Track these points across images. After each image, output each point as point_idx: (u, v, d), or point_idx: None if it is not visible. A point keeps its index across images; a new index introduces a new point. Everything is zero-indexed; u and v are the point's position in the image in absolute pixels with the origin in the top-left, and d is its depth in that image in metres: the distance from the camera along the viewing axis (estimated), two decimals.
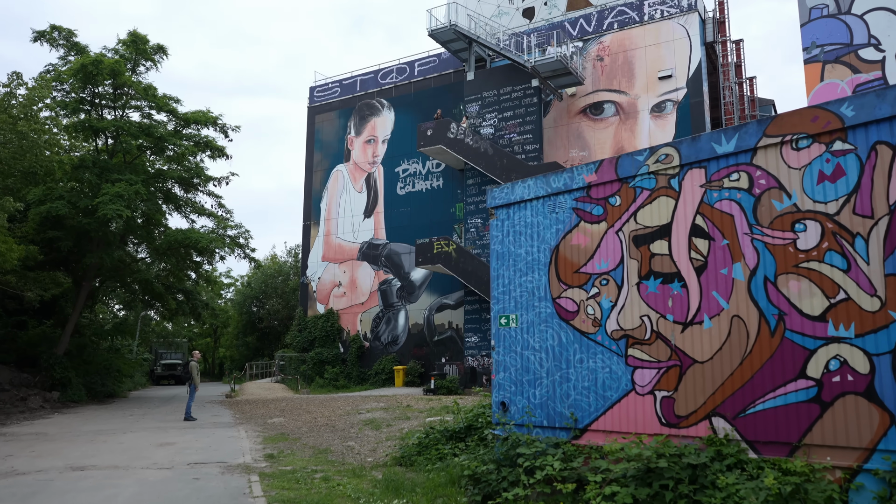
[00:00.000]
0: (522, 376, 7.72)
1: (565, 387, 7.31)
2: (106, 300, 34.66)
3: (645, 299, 6.85)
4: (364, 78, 37.51)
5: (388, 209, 34.93)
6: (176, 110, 24.66)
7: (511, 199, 8.10)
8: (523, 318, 7.76)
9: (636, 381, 6.81)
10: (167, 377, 44.16)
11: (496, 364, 8.11)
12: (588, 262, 7.31)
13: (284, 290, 50.63)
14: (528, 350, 7.67)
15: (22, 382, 23.51)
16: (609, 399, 6.96)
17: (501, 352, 8.02)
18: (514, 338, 7.86)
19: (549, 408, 7.44)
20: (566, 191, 7.56)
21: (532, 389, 7.61)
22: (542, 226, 7.72)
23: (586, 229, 7.36)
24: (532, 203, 7.83)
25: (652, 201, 6.93)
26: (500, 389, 7.99)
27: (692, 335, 6.47)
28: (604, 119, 29.72)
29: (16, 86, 17.82)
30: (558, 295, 7.51)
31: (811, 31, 16.20)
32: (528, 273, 7.82)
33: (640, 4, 30.06)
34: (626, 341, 6.92)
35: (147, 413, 20.86)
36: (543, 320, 7.58)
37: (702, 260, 6.52)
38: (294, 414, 18.56)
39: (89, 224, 21.74)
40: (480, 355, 27.84)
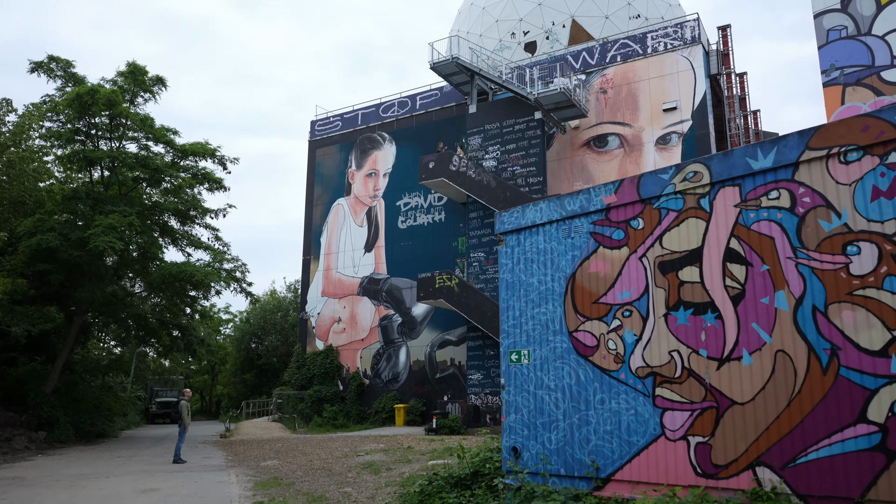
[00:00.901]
0: (536, 418, 6.97)
1: (585, 431, 6.56)
2: (99, 336, 33.84)
3: (674, 332, 6.15)
4: (365, 112, 37.30)
5: (390, 243, 34.35)
6: (173, 141, 24.24)
7: (522, 224, 7.45)
8: (536, 354, 7.04)
9: (666, 424, 6.07)
10: (162, 416, 43.03)
11: (507, 405, 7.36)
12: (608, 291, 6.63)
13: (283, 326, 49.77)
14: (543, 389, 6.94)
15: (7, 422, 22.58)
16: (635, 445, 6.21)
17: (512, 391, 7.28)
18: (527, 376, 7.13)
19: (566, 454, 6.67)
20: (582, 214, 6.92)
21: (547, 433, 6.85)
22: (557, 252, 7.06)
23: (606, 255, 6.70)
24: (545, 228, 7.18)
25: (679, 223, 6.28)
26: (511, 433, 7.23)
27: (730, 373, 5.75)
28: (608, 151, 29.32)
29: (5, 112, 17.38)
30: (575, 328, 6.82)
31: (830, 53, 15.82)
32: (542, 304, 7.13)
33: (644, 37, 29.92)
34: (654, 380, 6.20)
35: (135, 455, 19.92)
36: (559, 356, 6.87)
37: (739, 288, 5.84)
38: (289, 456, 17.65)
39: (81, 257, 21.10)
40: (484, 393, 26.94)
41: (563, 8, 36.92)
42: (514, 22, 37.87)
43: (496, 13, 38.51)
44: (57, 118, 22.18)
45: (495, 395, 26.66)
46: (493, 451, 10.06)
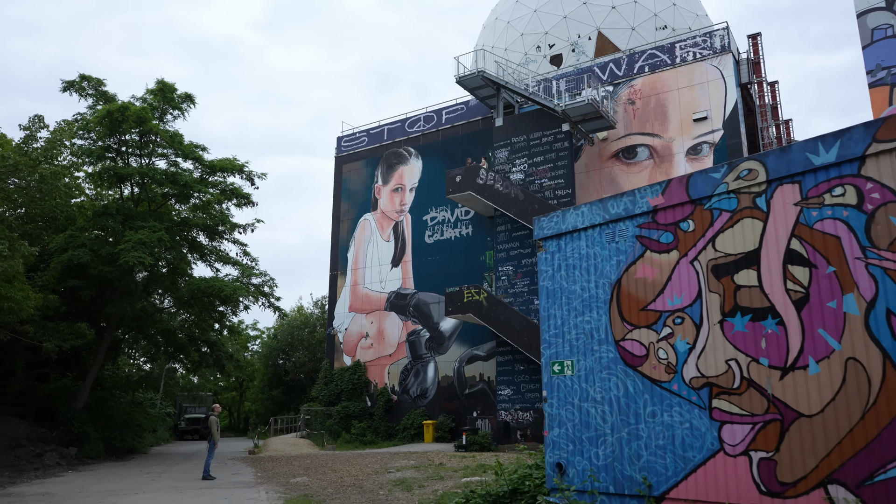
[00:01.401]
0: (582, 433, 6.62)
1: (635, 446, 6.20)
2: (129, 352, 34.04)
3: (731, 340, 5.79)
4: (391, 127, 37.33)
5: (417, 258, 34.15)
6: (202, 157, 24.37)
7: (562, 229, 7.15)
8: (581, 365, 6.71)
9: (725, 438, 5.68)
10: (191, 432, 43.07)
11: (549, 418, 7.01)
12: (657, 297, 6.29)
13: (311, 342, 49.74)
14: (588, 402, 6.59)
15: (39, 437, 22.68)
16: (691, 461, 5.83)
17: (555, 404, 6.94)
18: (571, 387, 6.79)
19: (615, 471, 6.31)
20: (627, 217, 6.60)
21: (594, 448, 6.50)
22: (600, 258, 6.74)
23: (653, 260, 6.37)
24: (587, 232, 6.87)
25: (734, 224, 5.94)
26: (554, 448, 6.87)
27: (795, 383, 5.37)
28: (637, 163, 28.91)
29: (37, 129, 17.59)
30: (622, 337, 6.48)
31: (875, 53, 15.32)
32: (585, 312, 6.80)
33: (672, 47, 29.55)
34: (710, 391, 5.83)
35: (165, 471, 19.80)
36: (605, 367, 6.52)
37: (802, 291, 5.47)
38: (319, 472, 17.37)
39: (111, 272, 21.20)
40: (514, 409, 26.46)
41: (589, 20, 36.72)
42: (540, 35, 37.74)
43: (521, 27, 38.42)
44: (88, 136, 22.44)
45: (525, 412, 26.18)
46: (531, 467, 9.69)
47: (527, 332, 25.46)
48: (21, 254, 15.82)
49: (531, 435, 25.77)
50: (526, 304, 27.17)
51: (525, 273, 27.65)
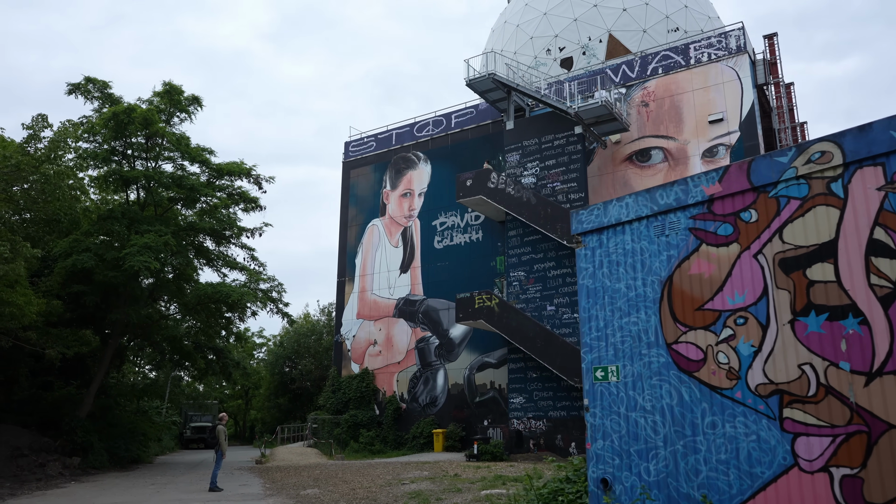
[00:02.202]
0: (630, 445, 6.02)
1: (692, 460, 5.60)
2: (134, 360, 33.51)
3: (804, 342, 5.20)
4: (400, 131, 36.84)
5: (426, 264, 33.58)
6: (209, 161, 23.91)
7: (603, 223, 6.57)
8: (627, 371, 6.12)
9: (799, 452, 5.08)
10: (196, 440, 42.49)
11: (592, 429, 6.42)
12: (716, 295, 5.70)
13: (317, 349, 49.17)
14: (637, 411, 6.00)
15: (42, 447, 22.13)
16: (759, 477, 5.23)
17: (599, 413, 6.34)
18: (616, 395, 6.20)
19: (670, 487, 5.71)
20: (679, 207, 6.03)
21: (644, 463, 5.90)
22: (648, 253, 6.17)
23: (710, 254, 5.79)
24: (632, 225, 6.30)
25: (804, 213, 5.35)
26: (598, 462, 6.27)
27: (883, 390, 4.77)
28: (651, 166, 28.34)
29: (40, 128, 17.10)
30: (675, 339, 5.89)
31: None
32: (632, 313, 6.22)
33: (686, 48, 29.03)
34: (780, 399, 5.24)
35: (170, 482, 19.20)
36: (655, 372, 5.94)
37: (889, 287, 4.88)
38: (330, 484, 16.75)
39: (116, 277, 20.70)
40: (527, 418, 25.82)
41: (600, 23, 36.26)
42: (550, 38, 37.29)
43: (531, 30, 37.98)
44: (93, 139, 22.00)
45: (539, 420, 25.54)
46: (562, 481, 9.08)
47: (540, 338, 24.86)
48: (24, 256, 15.33)
49: (544, 444, 25.14)
50: (538, 309, 26.58)
51: (537, 279, 27.07)
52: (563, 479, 9.11)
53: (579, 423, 24.53)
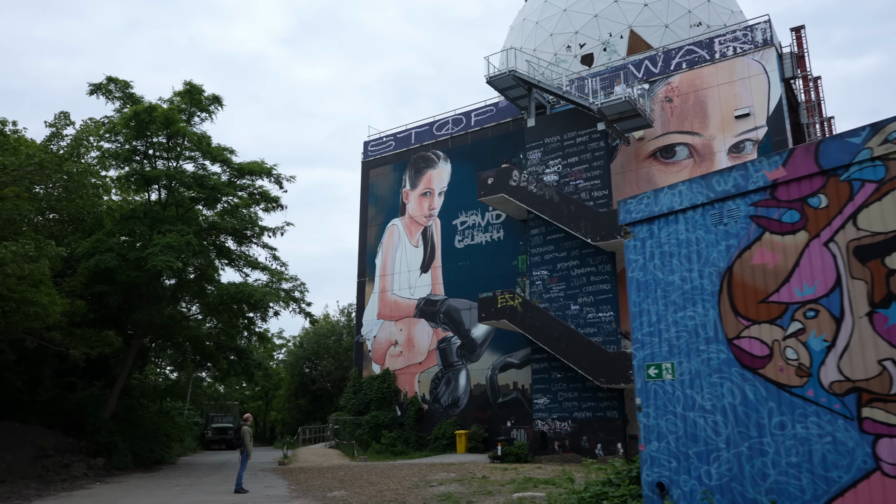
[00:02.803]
0: (688, 447, 5.68)
1: (759, 463, 5.25)
2: (156, 361, 33.55)
3: (884, 335, 4.83)
4: (419, 130, 36.58)
5: (446, 263, 33.29)
6: (230, 160, 23.80)
7: (654, 212, 6.24)
8: (684, 368, 5.78)
9: (881, 455, 4.72)
10: (218, 441, 42.50)
11: (646, 430, 6.08)
12: (781, 287, 5.35)
13: (337, 350, 49.04)
14: (695, 411, 5.66)
15: (66, 448, 22.11)
16: (836, 482, 4.87)
17: (653, 414, 6.00)
18: (672, 394, 5.86)
19: (733, 492, 5.36)
20: (738, 194, 5.68)
21: (705, 466, 5.56)
22: (705, 242, 5.82)
23: (774, 243, 5.45)
24: (686, 214, 5.96)
25: (882, 197, 4.99)
26: (653, 465, 5.93)
27: None
28: (676, 162, 27.82)
29: (63, 125, 17.05)
30: (736, 334, 5.55)
31: None
32: (687, 306, 5.88)
33: (710, 42, 28.50)
34: (858, 397, 4.88)
35: (195, 483, 19.05)
36: (715, 369, 5.59)
37: None
38: (356, 485, 16.50)
39: (139, 277, 20.62)
40: (551, 419, 25.43)
41: (621, 18, 35.80)
42: (570, 35, 36.88)
43: (550, 27, 37.59)
44: (115, 139, 21.96)
45: (563, 421, 25.15)
46: (603, 484, 8.72)
47: (564, 338, 24.48)
48: (48, 254, 15.25)
49: (569, 446, 24.75)
50: (562, 309, 26.20)
51: (561, 277, 26.68)
52: (604, 482, 8.76)
53: (605, 425, 24.14)
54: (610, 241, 24.52)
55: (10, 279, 15.57)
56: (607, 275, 25.71)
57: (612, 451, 23.90)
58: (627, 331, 26.49)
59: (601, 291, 25.77)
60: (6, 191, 15.91)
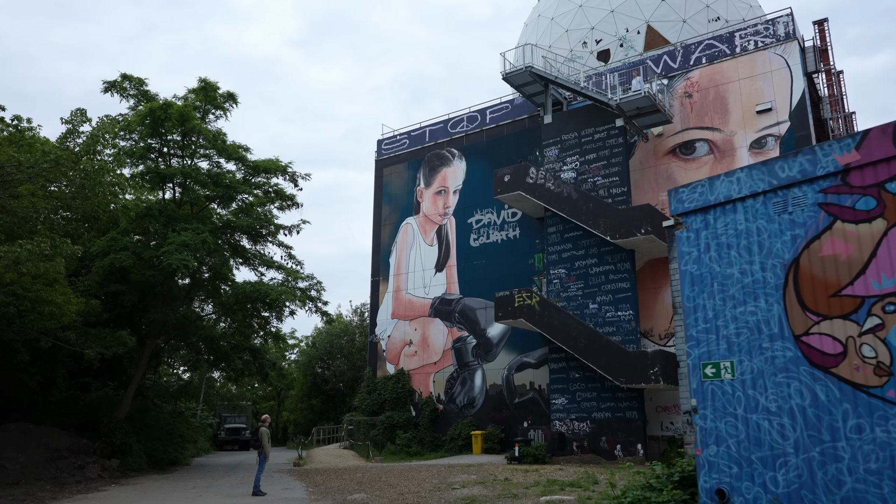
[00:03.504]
0: (751, 452, 5.29)
1: (833, 469, 4.86)
2: (170, 361, 33.38)
3: None
4: (433, 128, 36.24)
5: (462, 262, 32.93)
6: (246, 158, 23.53)
7: (709, 201, 5.85)
8: (745, 367, 5.39)
9: None
10: (231, 442, 42.33)
11: (703, 433, 5.69)
12: (856, 279, 4.96)
13: (350, 350, 48.78)
14: (758, 413, 5.27)
15: (81, 449, 21.90)
16: None
17: (710, 416, 5.61)
18: (731, 395, 5.48)
19: (804, 500, 4.97)
20: (805, 180, 5.29)
21: (770, 472, 5.17)
22: (767, 233, 5.43)
23: (847, 232, 5.06)
24: (746, 203, 5.57)
25: None
26: (711, 471, 5.54)
27: None
28: (696, 158, 27.34)
29: (79, 122, 16.82)
30: (805, 330, 5.16)
31: None
32: (748, 301, 5.49)
33: (731, 36, 27.99)
34: None
35: (211, 485, 18.78)
36: (781, 368, 5.21)
37: None
38: (375, 487, 16.16)
39: (153, 276, 20.38)
40: (569, 419, 25.02)
41: (638, 14, 35.36)
42: (586, 31, 36.48)
43: (566, 23, 37.19)
44: (130, 136, 21.74)
45: (582, 422, 24.72)
46: (644, 488, 8.33)
47: (583, 337, 24.05)
48: (64, 253, 15.01)
49: (588, 447, 24.33)
50: (580, 308, 25.79)
51: (579, 276, 26.26)
52: (643, 487, 8.37)
53: (624, 425, 23.72)
54: (630, 238, 24.08)
55: (26, 278, 15.36)
56: (626, 273, 25.28)
57: (632, 452, 23.48)
58: (647, 330, 26.06)
59: (620, 290, 25.34)
60: (21, 189, 15.71)
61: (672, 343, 25.63)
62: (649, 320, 26.18)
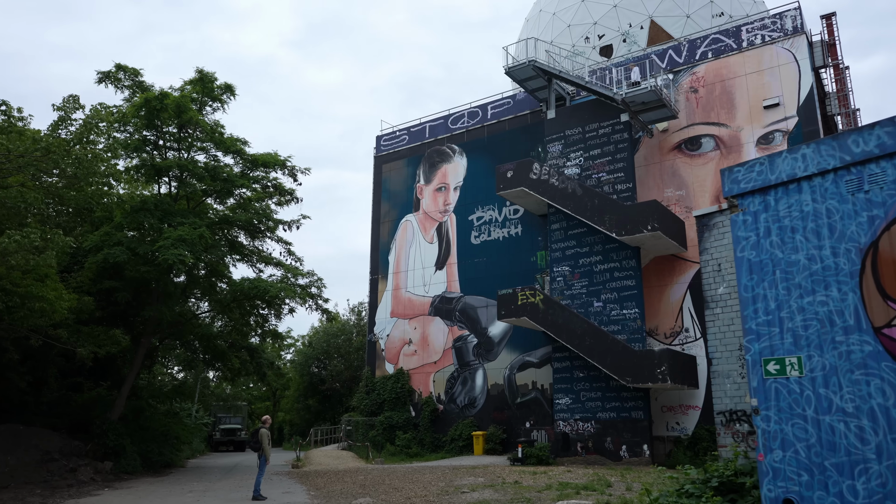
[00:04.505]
0: (824, 457, 4.75)
1: None
2: (164, 361, 32.67)
3: None
4: (433, 124, 35.68)
5: (462, 260, 32.37)
6: (244, 151, 22.89)
7: (770, 181, 5.31)
8: (815, 363, 4.86)
9: None
10: (226, 443, 41.63)
11: (766, 436, 5.14)
12: None
13: (347, 349, 48.16)
14: (832, 414, 4.74)
15: (73, 451, 21.22)
16: None
17: (774, 417, 5.06)
18: (799, 394, 4.94)
19: None
20: (883, 155, 4.75)
21: (847, 480, 4.63)
22: (839, 214, 4.90)
23: None
24: (813, 182, 5.03)
25: None
26: (777, 478, 5.00)
27: None
28: (702, 154, 26.87)
29: (71, 109, 16.14)
30: (886, 322, 4.63)
31: None
32: (817, 290, 4.95)
33: (738, 31, 27.55)
34: None
35: (209, 489, 18.14)
36: (858, 364, 4.68)
37: None
38: (379, 490, 15.58)
39: (149, 272, 19.72)
40: (573, 419, 24.51)
41: (641, 9, 34.94)
42: (588, 26, 36.03)
43: (568, 18, 36.72)
44: (124, 128, 21.06)
45: (586, 422, 24.21)
46: (678, 494, 7.79)
47: (588, 335, 23.52)
48: (55, 245, 14.34)
49: (593, 447, 23.82)
50: (584, 306, 25.28)
51: (583, 273, 25.75)
52: (678, 493, 7.82)
53: (630, 426, 23.22)
54: (636, 235, 23.58)
55: (15, 273, 14.71)
56: (632, 270, 24.79)
57: (638, 453, 23.00)
58: (652, 329, 25.56)
59: (625, 288, 24.85)
60: (10, 179, 15.04)
61: (678, 342, 25.18)
62: (654, 319, 25.71)
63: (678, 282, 25.65)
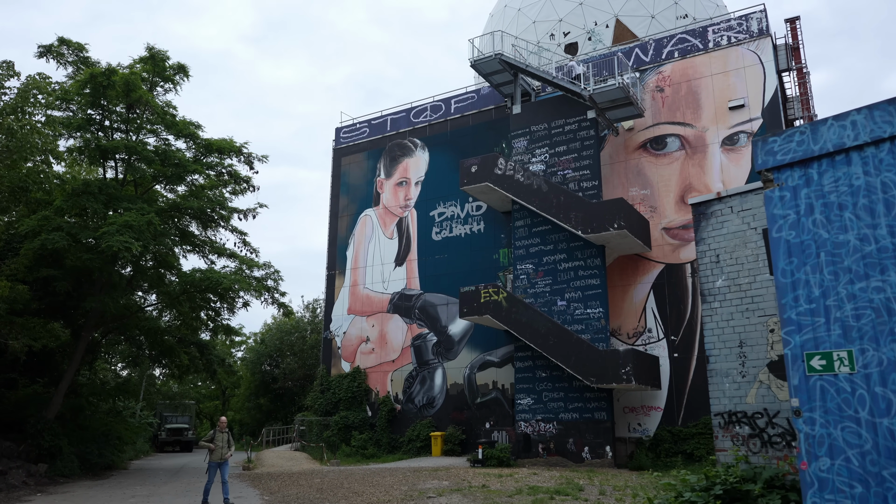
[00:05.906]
0: (881, 467, 4.15)
1: None
2: (107, 356, 30.86)
3: None
4: (395, 117, 34.80)
5: (423, 256, 31.58)
6: (197, 135, 21.56)
7: (812, 151, 4.71)
8: (870, 358, 4.26)
9: None
10: (172, 443, 39.87)
11: (810, 441, 4.52)
12: None
13: (301, 347, 46.78)
14: (891, 417, 4.14)
15: (3, 452, 19.63)
16: None
17: (820, 420, 4.44)
18: (851, 393, 4.34)
19: None
20: None
21: None
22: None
23: None
24: (864, 152, 4.44)
25: None
26: (823, 490, 4.38)
27: None
28: (667, 154, 26.70)
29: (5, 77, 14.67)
30: None
31: None
32: (871, 275, 4.36)
33: (704, 31, 27.52)
34: None
35: (153, 493, 16.89)
36: None
37: None
38: (338, 495, 14.66)
39: (91, 260, 18.28)
40: (535, 420, 23.99)
41: (606, 7, 34.82)
42: (553, 23, 35.74)
43: (533, 14, 36.36)
44: (67, 107, 19.54)
45: (548, 423, 23.72)
46: (676, 501, 7.17)
47: (552, 335, 23.02)
48: None
49: (555, 449, 23.33)
50: (548, 304, 24.79)
51: (547, 272, 25.26)
52: (676, 500, 7.22)
53: (593, 427, 22.82)
54: (602, 233, 23.18)
55: None
56: (596, 269, 24.41)
57: (600, 454, 22.61)
58: (615, 329, 25.25)
59: (590, 286, 24.44)
60: None
61: (641, 342, 24.93)
62: (617, 318, 25.42)
63: (642, 281, 25.41)
